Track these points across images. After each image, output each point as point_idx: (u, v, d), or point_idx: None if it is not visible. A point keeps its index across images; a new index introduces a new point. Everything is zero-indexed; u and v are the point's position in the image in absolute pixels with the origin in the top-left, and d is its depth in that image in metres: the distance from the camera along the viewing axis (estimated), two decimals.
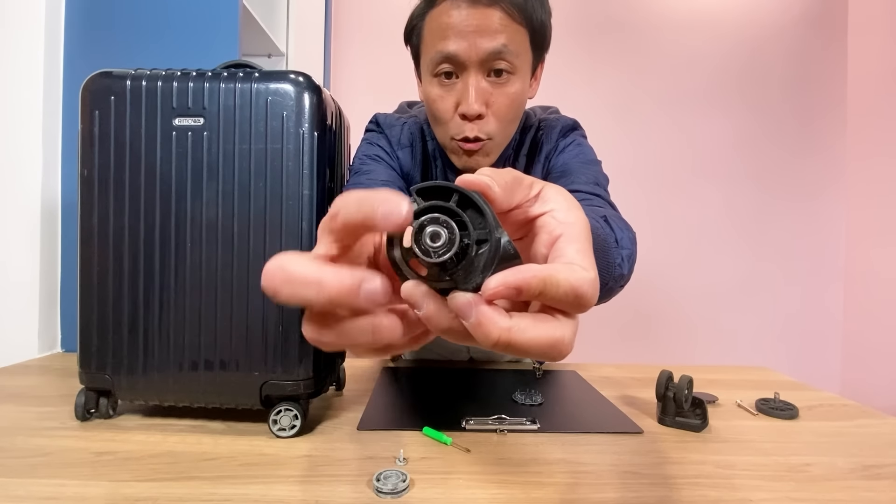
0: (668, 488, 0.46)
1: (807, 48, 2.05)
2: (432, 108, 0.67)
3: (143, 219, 0.56)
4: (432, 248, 0.21)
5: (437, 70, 0.64)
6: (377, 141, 0.77)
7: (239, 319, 0.56)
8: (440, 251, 0.21)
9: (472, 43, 0.61)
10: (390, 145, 0.76)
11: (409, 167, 0.76)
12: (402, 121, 0.79)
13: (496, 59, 0.61)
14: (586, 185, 0.65)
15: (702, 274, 2.05)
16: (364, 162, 0.74)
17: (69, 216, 1.00)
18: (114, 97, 0.56)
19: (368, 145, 0.77)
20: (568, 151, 0.74)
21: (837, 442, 0.59)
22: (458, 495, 0.44)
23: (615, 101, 2.02)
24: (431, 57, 0.64)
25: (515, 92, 0.64)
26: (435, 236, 0.21)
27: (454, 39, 0.61)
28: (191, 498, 0.42)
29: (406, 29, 0.70)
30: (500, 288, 0.20)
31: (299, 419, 0.56)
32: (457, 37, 0.61)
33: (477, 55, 0.61)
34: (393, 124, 0.78)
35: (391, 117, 0.80)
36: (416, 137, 0.77)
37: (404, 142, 0.76)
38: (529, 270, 0.21)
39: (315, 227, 0.56)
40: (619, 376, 0.85)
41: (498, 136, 0.66)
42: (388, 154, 0.76)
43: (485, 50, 0.61)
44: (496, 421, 0.60)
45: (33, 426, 0.57)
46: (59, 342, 0.99)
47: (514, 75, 0.64)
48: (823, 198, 2.07)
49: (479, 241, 0.22)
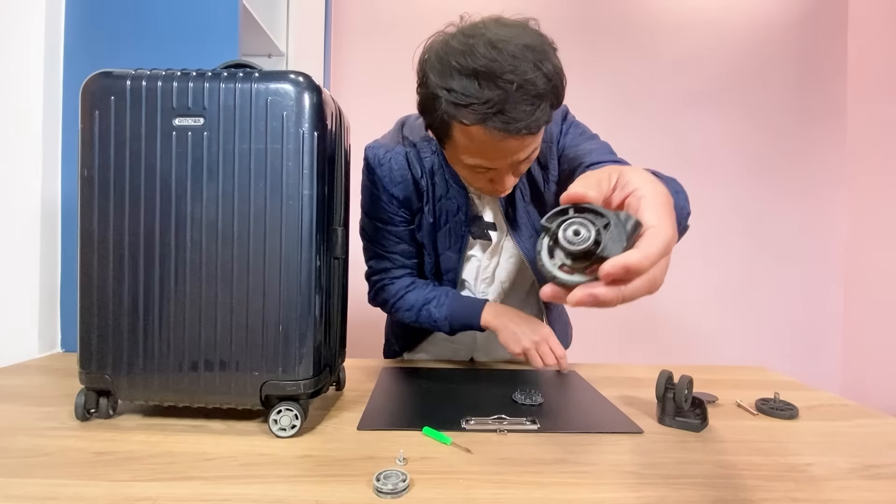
0: (668, 488, 0.46)
1: (807, 48, 2.05)
2: (465, 179, 0.76)
3: (143, 219, 0.56)
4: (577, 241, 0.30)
5: (474, 169, 0.69)
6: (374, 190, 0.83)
7: (239, 319, 0.56)
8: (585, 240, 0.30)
9: (508, 160, 0.66)
10: (385, 189, 0.82)
11: (406, 199, 0.83)
12: (389, 156, 0.82)
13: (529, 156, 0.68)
14: (604, 156, 0.72)
15: (702, 274, 2.05)
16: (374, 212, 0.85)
17: (69, 216, 1.00)
18: (114, 97, 0.56)
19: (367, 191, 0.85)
20: (571, 132, 0.81)
21: (837, 442, 0.58)
22: (458, 495, 0.44)
23: (615, 100, 2.02)
24: (467, 160, 0.67)
25: (536, 155, 0.71)
26: (575, 233, 0.30)
27: (493, 160, 0.65)
28: (191, 498, 0.42)
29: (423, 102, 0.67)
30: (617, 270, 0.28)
31: (299, 419, 0.56)
32: (495, 157, 0.65)
33: (513, 164, 0.67)
34: (381, 162, 0.82)
35: (378, 151, 0.83)
36: (405, 168, 0.82)
37: (396, 178, 0.81)
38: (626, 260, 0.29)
39: (315, 226, 0.56)
40: (619, 376, 0.85)
41: None
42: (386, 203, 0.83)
43: (521, 160, 0.66)
44: (496, 421, 0.60)
45: (33, 426, 0.57)
46: (59, 342, 0.99)
47: (535, 151, 0.70)
48: (824, 198, 2.07)
49: (605, 226, 0.30)
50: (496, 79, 0.57)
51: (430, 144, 0.81)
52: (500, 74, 0.57)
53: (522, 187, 0.82)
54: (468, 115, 0.59)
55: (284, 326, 0.55)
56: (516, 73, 0.57)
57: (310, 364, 0.56)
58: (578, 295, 0.30)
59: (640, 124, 2.02)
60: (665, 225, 0.30)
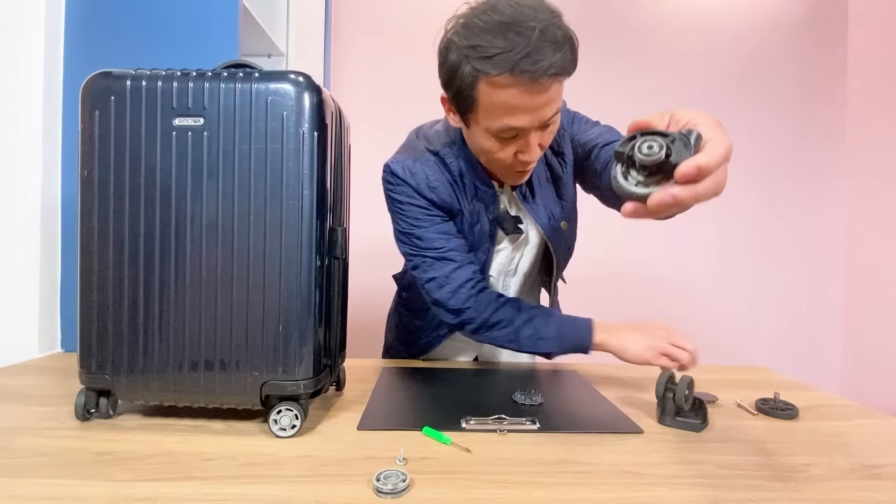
0: (668, 488, 0.46)
1: (807, 48, 2.05)
2: (491, 156, 0.73)
3: (143, 219, 0.56)
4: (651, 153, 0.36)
5: (501, 135, 0.68)
6: (406, 198, 0.79)
7: (239, 319, 0.56)
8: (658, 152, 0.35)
9: (535, 116, 0.66)
10: (421, 195, 0.79)
11: (446, 201, 0.80)
12: (419, 165, 0.80)
13: (552, 118, 0.68)
14: (613, 136, 0.78)
15: (701, 273, 2.05)
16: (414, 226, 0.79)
17: (69, 216, 1.00)
18: (114, 97, 0.56)
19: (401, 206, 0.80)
20: (577, 120, 0.85)
21: (837, 442, 0.59)
22: (458, 495, 0.44)
23: (615, 100, 2.02)
24: (494, 125, 0.68)
25: (557, 124, 0.73)
26: (649, 147, 0.36)
27: (520, 116, 0.66)
28: (191, 498, 0.42)
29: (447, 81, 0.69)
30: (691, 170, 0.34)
31: (299, 419, 0.56)
32: (522, 113, 0.65)
33: (540, 122, 0.67)
34: (411, 171, 0.79)
35: (404, 163, 0.80)
36: (438, 172, 0.80)
37: (433, 183, 0.79)
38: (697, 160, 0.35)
39: (315, 226, 0.56)
40: (619, 376, 0.85)
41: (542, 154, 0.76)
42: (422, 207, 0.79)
43: (547, 117, 0.67)
44: (496, 421, 0.60)
45: (33, 426, 0.57)
46: (59, 342, 0.99)
47: (557, 115, 0.70)
48: (824, 197, 2.07)
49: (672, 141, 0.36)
50: (519, 27, 0.60)
51: (452, 150, 0.80)
52: (523, 22, 0.61)
53: (540, 171, 0.84)
54: (496, 65, 0.61)
55: (284, 326, 0.55)
56: (538, 21, 0.61)
57: (310, 364, 0.56)
58: (658, 196, 0.35)
59: None
60: (722, 135, 0.37)
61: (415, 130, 0.89)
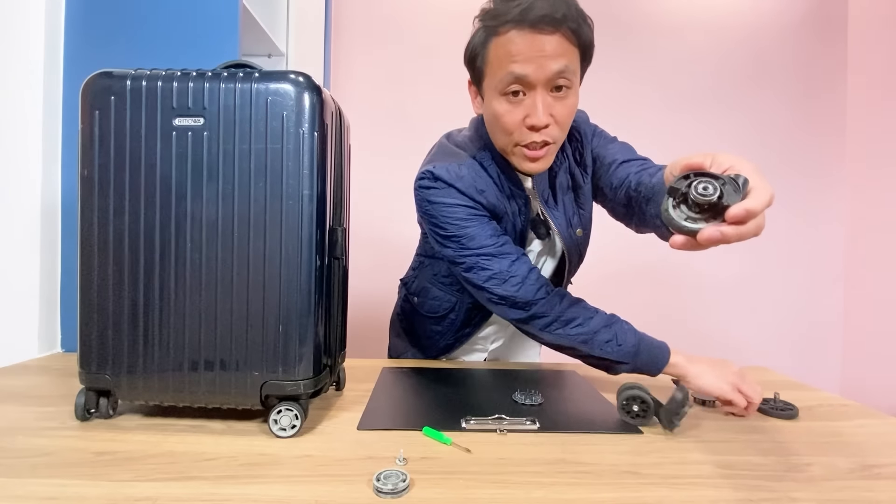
0: (668, 488, 0.46)
1: (807, 49, 2.05)
2: (500, 121, 0.73)
3: (143, 219, 0.56)
4: (707, 194, 0.40)
5: (507, 90, 0.70)
6: (453, 200, 0.77)
7: (239, 319, 0.56)
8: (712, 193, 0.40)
9: (539, 65, 0.68)
10: (465, 195, 0.78)
11: (494, 202, 0.79)
12: (464, 169, 0.79)
13: (559, 77, 0.69)
14: (633, 154, 0.83)
15: (701, 274, 2.05)
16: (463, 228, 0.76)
17: (69, 216, 1.00)
18: (114, 97, 0.56)
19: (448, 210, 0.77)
20: (598, 135, 0.88)
21: (837, 442, 0.59)
22: (458, 495, 0.44)
23: (616, 101, 2.02)
24: (500, 78, 0.70)
25: (572, 103, 0.73)
26: (704, 189, 0.40)
27: (523, 63, 0.68)
28: (191, 498, 0.42)
29: (469, 53, 0.75)
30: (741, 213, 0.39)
31: (299, 419, 0.56)
32: (525, 61, 0.68)
33: (545, 75, 0.68)
34: (459, 176, 0.78)
35: (450, 170, 0.79)
36: (484, 175, 0.80)
37: (480, 186, 0.78)
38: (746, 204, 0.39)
39: (315, 226, 0.56)
40: (619, 376, 0.85)
41: (558, 140, 0.75)
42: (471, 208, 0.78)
43: (551, 70, 0.68)
44: (496, 421, 0.60)
45: (33, 426, 0.57)
46: (59, 342, 0.99)
47: (571, 89, 0.72)
48: (824, 198, 2.07)
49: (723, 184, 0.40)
50: None
51: (486, 154, 0.81)
52: None
53: (563, 179, 0.85)
54: (501, 19, 0.68)
55: (284, 326, 0.55)
56: None
57: (310, 364, 0.56)
58: (709, 233, 0.39)
59: (640, 124, 2.02)
60: (766, 184, 0.41)
61: (445, 137, 0.89)
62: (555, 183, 0.84)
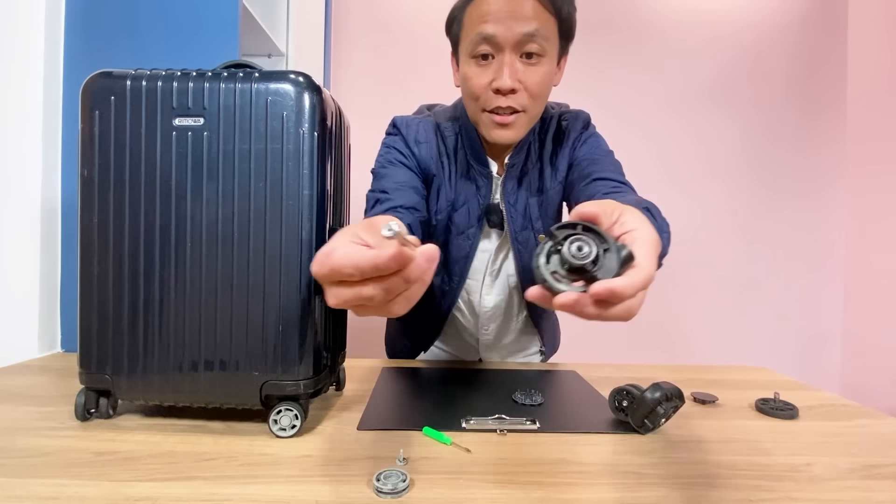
0: (668, 488, 0.46)
1: (807, 48, 2.05)
2: (468, 85, 0.74)
3: (143, 219, 0.56)
4: (580, 256, 0.34)
5: (476, 52, 0.71)
6: (394, 144, 0.83)
7: (239, 319, 0.56)
8: (586, 257, 0.33)
9: (507, 26, 0.68)
10: (407, 146, 0.82)
11: (426, 160, 0.82)
12: (417, 120, 0.85)
13: (529, 41, 0.68)
14: (613, 174, 0.75)
15: (702, 273, 2.05)
16: (383, 165, 0.81)
17: (69, 216, 1.00)
18: (114, 97, 0.56)
19: (387, 150, 0.83)
20: (590, 143, 0.83)
21: (837, 442, 0.59)
22: (458, 495, 0.44)
23: (616, 100, 2.02)
24: (470, 39, 0.71)
25: (545, 72, 0.71)
26: (579, 249, 0.34)
27: (492, 23, 0.68)
28: (191, 498, 0.42)
29: (448, 20, 0.77)
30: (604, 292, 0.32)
31: (299, 419, 0.56)
32: (494, 21, 0.68)
33: (513, 36, 0.68)
34: (409, 123, 0.84)
35: (407, 118, 0.85)
36: (432, 134, 0.83)
37: (420, 138, 0.82)
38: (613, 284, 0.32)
39: (315, 226, 0.56)
40: (618, 376, 0.85)
41: (529, 110, 0.73)
42: (404, 155, 0.81)
43: (519, 32, 0.67)
44: (496, 421, 0.60)
45: (33, 426, 0.57)
46: (59, 342, 0.99)
47: (544, 58, 0.70)
48: (824, 197, 2.07)
49: (605, 249, 0.34)
50: None
51: (452, 125, 0.83)
52: None
53: (532, 180, 0.84)
54: None
55: (284, 326, 0.55)
56: None
57: (310, 364, 0.56)
58: (565, 298, 0.33)
59: (640, 124, 2.02)
60: (650, 265, 0.34)
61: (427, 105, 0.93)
62: (523, 179, 0.83)
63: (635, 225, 0.37)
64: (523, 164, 0.83)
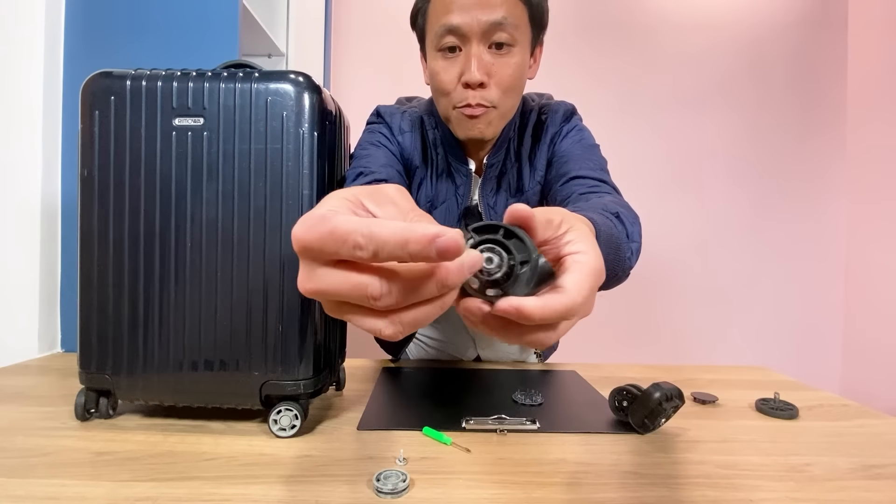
0: (668, 488, 0.46)
1: (807, 48, 2.05)
2: (436, 80, 0.70)
3: (143, 219, 0.56)
4: (487, 268, 0.28)
5: (442, 44, 0.68)
6: (378, 129, 0.80)
7: (239, 319, 0.56)
8: (494, 270, 0.28)
9: (473, 16, 0.64)
10: (391, 132, 0.79)
11: (409, 151, 0.79)
12: (402, 110, 0.82)
13: (497, 30, 0.65)
14: (592, 172, 0.70)
15: (701, 273, 2.05)
16: (364, 147, 0.77)
17: (69, 216, 1.00)
18: (114, 97, 0.56)
19: (370, 133, 0.80)
20: (571, 136, 0.78)
21: (837, 442, 0.59)
22: (458, 495, 0.44)
23: (616, 99, 2.02)
24: (436, 31, 0.68)
25: (516, 63, 0.68)
26: (488, 260, 0.28)
27: (457, 13, 0.65)
28: (191, 498, 0.42)
29: (412, 13, 0.74)
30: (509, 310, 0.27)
31: (299, 419, 0.56)
32: (459, 10, 0.65)
33: (479, 26, 0.64)
34: (393, 113, 0.81)
35: (391, 107, 0.83)
36: (416, 125, 0.81)
37: (405, 128, 0.79)
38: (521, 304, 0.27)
39: None
40: (619, 376, 0.85)
41: (501, 105, 0.69)
42: (388, 140, 0.79)
43: (486, 21, 0.64)
44: (496, 421, 0.60)
45: (33, 426, 0.57)
46: (59, 342, 0.99)
47: (515, 48, 0.67)
48: (824, 197, 2.07)
49: (523, 262, 0.28)
50: None
51: (430, 119, 0.80)
52: None
53: (511, 179, 0.80)
54: None
55: (284, 326, 0.55)
56: None
57: (310, 364, 0.56)
58: (468, 306, 0.28)
59: (640, 124, 2.02)
60: (577, 293, 0.28)
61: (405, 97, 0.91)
62: (502, 179, 0.79)
63: (579, 247, 0.31)
64: (502, 164, 0.79)
